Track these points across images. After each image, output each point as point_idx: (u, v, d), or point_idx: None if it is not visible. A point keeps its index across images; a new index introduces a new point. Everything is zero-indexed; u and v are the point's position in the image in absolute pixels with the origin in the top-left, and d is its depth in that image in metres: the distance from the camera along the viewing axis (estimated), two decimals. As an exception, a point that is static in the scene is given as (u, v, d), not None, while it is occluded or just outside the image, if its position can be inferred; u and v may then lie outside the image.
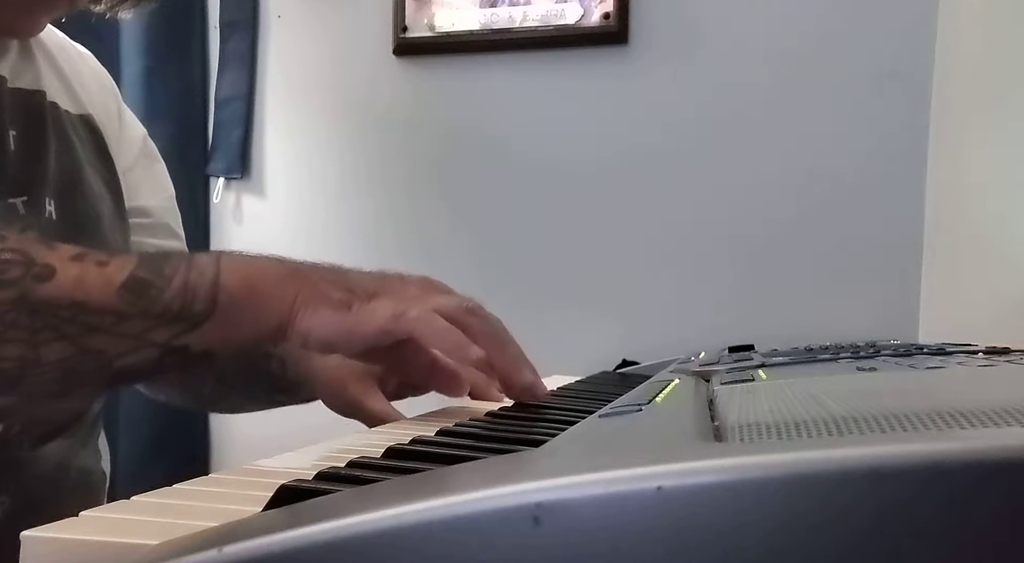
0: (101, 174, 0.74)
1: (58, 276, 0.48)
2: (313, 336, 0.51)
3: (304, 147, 1.52)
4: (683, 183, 1.35)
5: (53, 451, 0.69)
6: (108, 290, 0.48)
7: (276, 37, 1.53)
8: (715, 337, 1.08)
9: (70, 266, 0.49)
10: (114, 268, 0.49)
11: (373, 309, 0.52)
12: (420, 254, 1.44)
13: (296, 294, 0.52)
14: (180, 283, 0.50)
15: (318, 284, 0.53)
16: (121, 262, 0.50)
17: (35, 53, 0.71)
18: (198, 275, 0.50)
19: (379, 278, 0.56)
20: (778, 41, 1.31)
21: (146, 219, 0.79)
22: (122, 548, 0.24)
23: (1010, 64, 0.98)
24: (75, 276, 0.48)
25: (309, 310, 0.51)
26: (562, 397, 0.64)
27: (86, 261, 0.49)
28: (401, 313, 0.51)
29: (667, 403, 0.40)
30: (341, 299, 0.52)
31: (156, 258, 0.52)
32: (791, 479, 0.17)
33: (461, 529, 0.18)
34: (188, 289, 0.50)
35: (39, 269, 0.48)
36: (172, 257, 0.53)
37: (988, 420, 0.23)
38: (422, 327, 0.51)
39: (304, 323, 0.51)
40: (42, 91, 0.70)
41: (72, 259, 0.49)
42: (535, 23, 1.38)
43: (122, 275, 0.49)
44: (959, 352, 0.57)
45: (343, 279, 0.54)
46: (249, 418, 0.93)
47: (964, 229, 1.13)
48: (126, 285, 0.49)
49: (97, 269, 0.49)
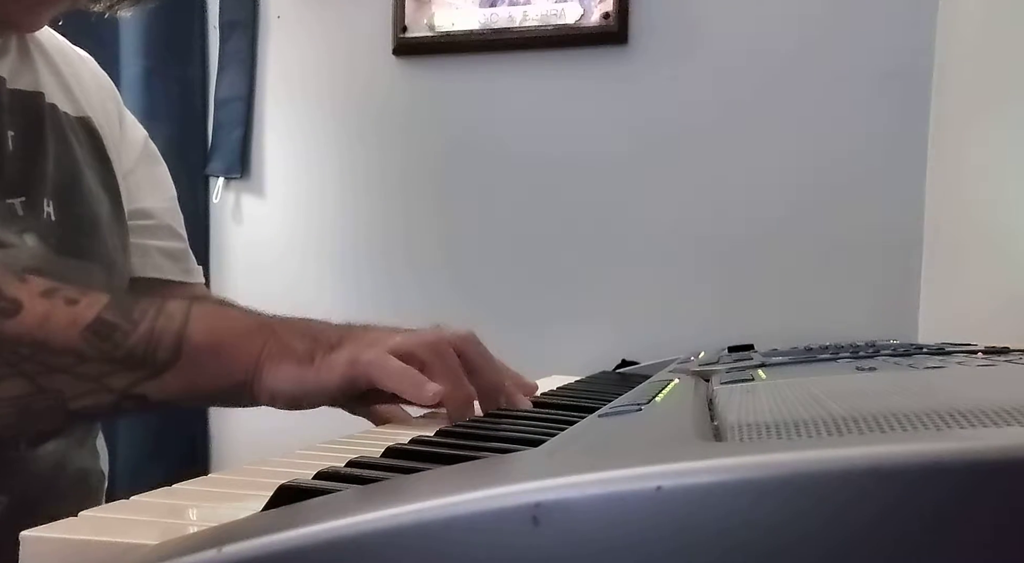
0: (99, 176, 0.74)
1: (24, 312, 0.48)
2: (278, 394, 0.52)
3: (304, 147, 1.52)
4: (683, 183, 1.35)
5: (50, 451, 0.69)
6: (72, 331, 0.48)
7: (276, 37, 1.53)
8: (714, 337, 1.08)
9: (38, 303, 0.48)
10: (83, 307, 0.49)
11: (334, 359, 0.52)
12: (419, 254, 1.44)
13: (262, 347, 0.52)
14: (146, 329, 0.50)
15: (283, 337, 0.53)
16: (91, 301, 0.50)
17: (34, 55, 0.71)
18: (166, 322, 0.50)
19: (343, 328, 0.56)
20: (777, 41, 1.31)
21: (148, 221, 0.79)
22: (121, 548, 0.24)
23: (1010, 63, 0.98)
24: (41, 313, 0.48)
25: (273, 364, 0.51)
26: (562, 397, 0.64)
27: (56, 297, 0.49)
28: (355, 359, 0.51)
29: (666, 403, 0.40)
30: (305, 350, 0.52)
31: (127, 301, 0.52)
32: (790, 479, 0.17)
33: (460, 529, 0.18)
34: (154, 336, 0.49)
35: (5, 304, 0.48)
36: (143, 301, 0.52)
37: (988, 420, 0.23)
38: (375, 370, 0.51)
39: (269, 379, 0.51)
40: (41, 93, 0.70)
41: (42, 295, 0.49)
42: (535, 23, 1.38)
43: (89, 315, 0.49)
44: (958, 352, 0.57)
45: (308, 330, 0.54)
46: (249, 418, 0.93)
47: (963, 229, 1.13)
48: (91, 327, 0.48)
49: (65, 307, 0.49)
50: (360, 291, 1.46)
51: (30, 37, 0.71)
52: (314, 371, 0.52)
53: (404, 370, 0.51)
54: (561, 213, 1.40)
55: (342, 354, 0.52)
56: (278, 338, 0.52)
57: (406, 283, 1.43)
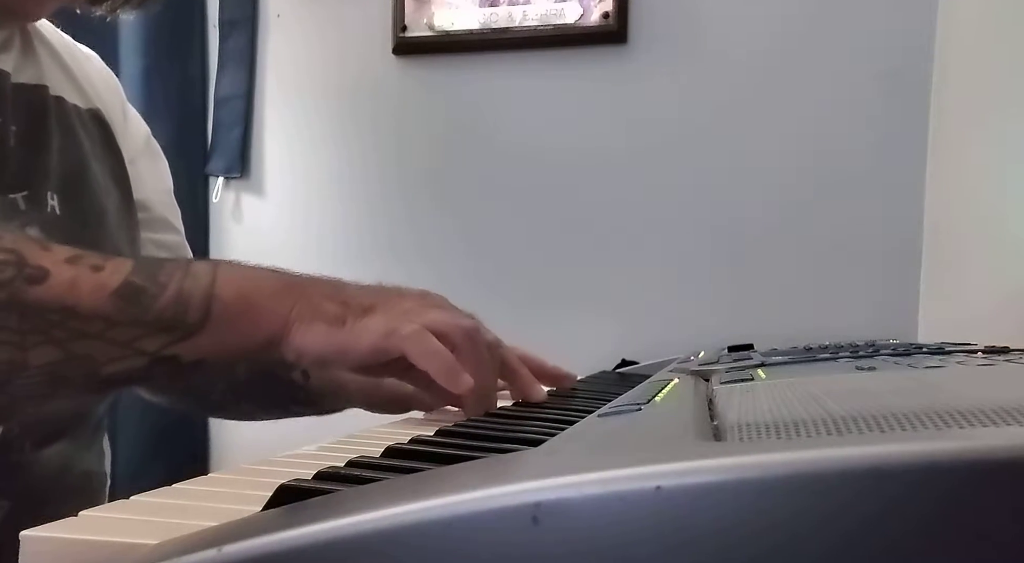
0: (109, 168, 0.73)
1: (50, 279, 0.47)
2: (307, 352, 0.51)
3: (303, 146, 1.52)
4: (682, 182, 1.35)
5: (55, 454, 0.69)
6: (100, 295, 0.48)
7: (275, 36, 1.53)
8: (714, 336, 1.08)
9: (64, 269, 0.48)
10: (108, 272, 0.49)
11: (366, 325, 0.51)
12: (418, 253, 1.44)
13: (291, 308, 0.51)
14: (174, 291, 0.49)
15: (313, 298, 0.52)
16: (116, 266, 0.49)
17: (39, 50, 0.71)
18: (193, 284, 0.50)
19: (376, 292, 0.55)
20: (777, 40, 1.31)
21: (144, 213, 0.78)
22: (121, 548, 0.24)
23: (1009, 63, 0.98)
24: (68, 279, 0.47)
25: (304, 325, 0.51)
26: (561, 397, 0.64)
27: (80, 264, 0.49)
28: (393, 330, 0.50)
29: (666, 402, 0.40)
30: (336, 314, 0.51)
31: (152, 264, 0.52)
32: (790, 478, 0.17)
33: (460, 529, 0.18)
34: (182, 298, 0.49)
35: (31, 271, 0.47)
36: (168, 263, 0.52)
37: (987, 419, 0.23)
38: (412, 346, 0.50)
39: (298, 338, 0.50)
40: (45, 86, 0.70)
41: (67, 261, 0.48)
42: (534, 22, 1.38)
43: (116, 280, 0.48)
44: (958, 351, 0.57)
45: (339, 293, 0.53)
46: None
47: (963, 228, 1.13)
48: (119, 291, 0.48)
49: (91, 273, 0.48)
50: (360, 290, 1.46)
51: (35, 33, 0.71)
52: (345, 335, 0.51)
53: (441, 353, 0.50)
54: (561, 213, 1.40)
55: (376, 321, 0.51)
56: (308, 298, 0.52)
57: (405, 283, 1.42)
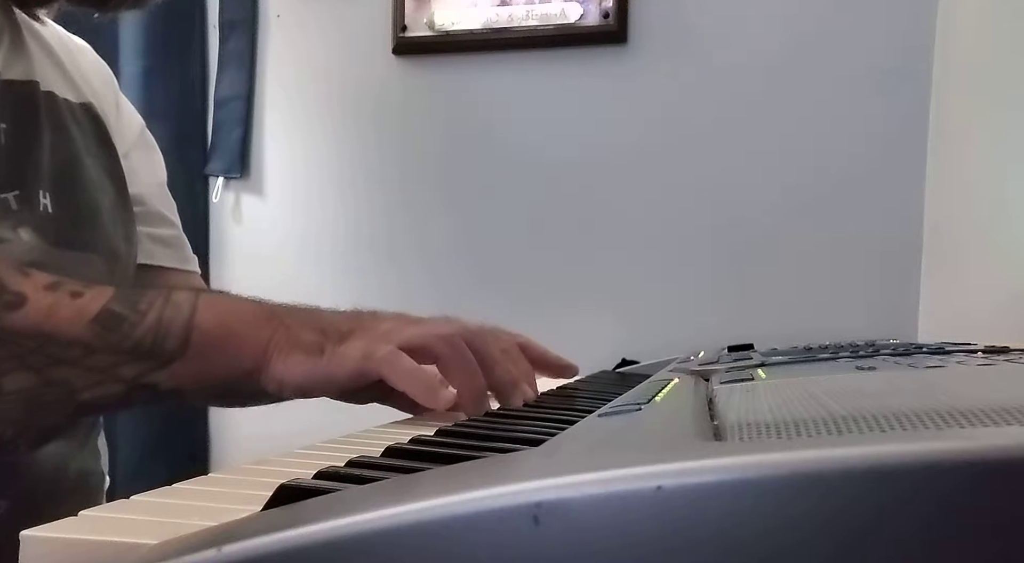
0: (103, 163, 0.73)
1: (28, 305, 0.47)
2: (287, 383, 0.51)
3: (303, 146, 1.52)
4: (682, 182, 1.35)
5: (51, 453, 0.69)
6: (79, 322, 0.48)
7: (275, 37, 1.53)
8: (714, 336, 1.08)
9: (42, 296, 0.48)
10: (88, 299, 0.49)
11: (344, 352, 0.51)
12: (418, 253, 1.44)
13: (270, 338, 0.51)
14: (154, 319, 0.49)
15: (292, 328, 0.52)
16: (96, 293, 0.49)
17: (29, 44, 0.70)
18: (173, 312, 0.50)
19: (352, 317, 0.55)
20: (777, 40, 1.31)
21: (140, 208, 0.78)
22: (121, 548, 0.24)
23: (1009, 62, 0.98)
24: (46, 306, 0.48)
25: (283, 355, 0.51)
26: (562, 397, 0.64)
27: (60, 291, 0.49)
28: (370, 354, 0.51)
29: (666, 402, 0.40)
30: (314, 342, 0.52)
31: (132, 292, 0.52)
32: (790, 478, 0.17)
33: (460, 529, 0.18)
34: (161, 326, 0.49)
35: (10, 297, 0.47)
36: (149, 291, 0.52)
37: (987, 419, 0.23)
38: (388, 368, 0.50)
39: (279, 368, 0.51)
40: (35, 81, 0.69)
41: (46, 288, 0.49)
42: (535, 22, 1.38)
43: (95, 307, 0.48)
44: (958, 351, 0.57)
45: (316, 320, 0.54)
46: (249, 418, 0.93)
47: (963, 227, 1.13)
48: (98, 318, 0.48)
49: (70, 300, 0.48)
50: (359, 291, 1.46)
51: (26, 27, 0.70)
52: (324, 363, 0.51)
53: (417, 372, 0.50)
54: (561, 212, 1.40)
55: (354, 347, 0.51)
56: (287, 328, 0.52)
57: (405, 283, 1.43)
